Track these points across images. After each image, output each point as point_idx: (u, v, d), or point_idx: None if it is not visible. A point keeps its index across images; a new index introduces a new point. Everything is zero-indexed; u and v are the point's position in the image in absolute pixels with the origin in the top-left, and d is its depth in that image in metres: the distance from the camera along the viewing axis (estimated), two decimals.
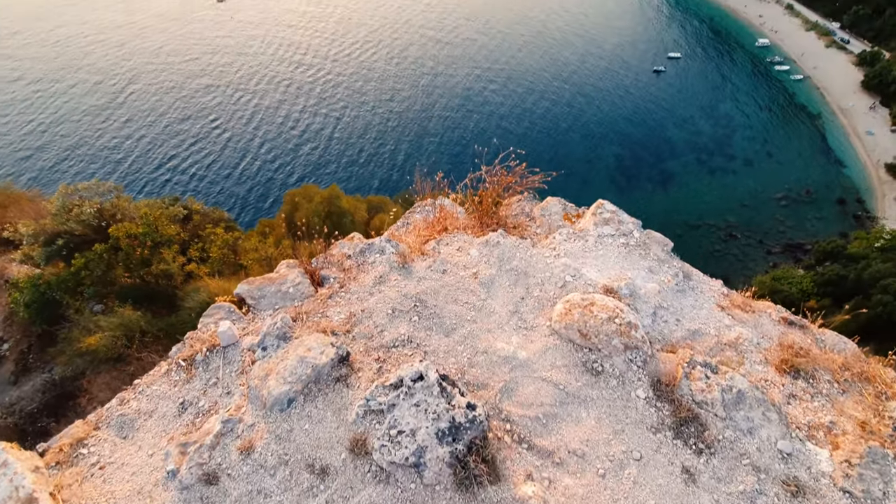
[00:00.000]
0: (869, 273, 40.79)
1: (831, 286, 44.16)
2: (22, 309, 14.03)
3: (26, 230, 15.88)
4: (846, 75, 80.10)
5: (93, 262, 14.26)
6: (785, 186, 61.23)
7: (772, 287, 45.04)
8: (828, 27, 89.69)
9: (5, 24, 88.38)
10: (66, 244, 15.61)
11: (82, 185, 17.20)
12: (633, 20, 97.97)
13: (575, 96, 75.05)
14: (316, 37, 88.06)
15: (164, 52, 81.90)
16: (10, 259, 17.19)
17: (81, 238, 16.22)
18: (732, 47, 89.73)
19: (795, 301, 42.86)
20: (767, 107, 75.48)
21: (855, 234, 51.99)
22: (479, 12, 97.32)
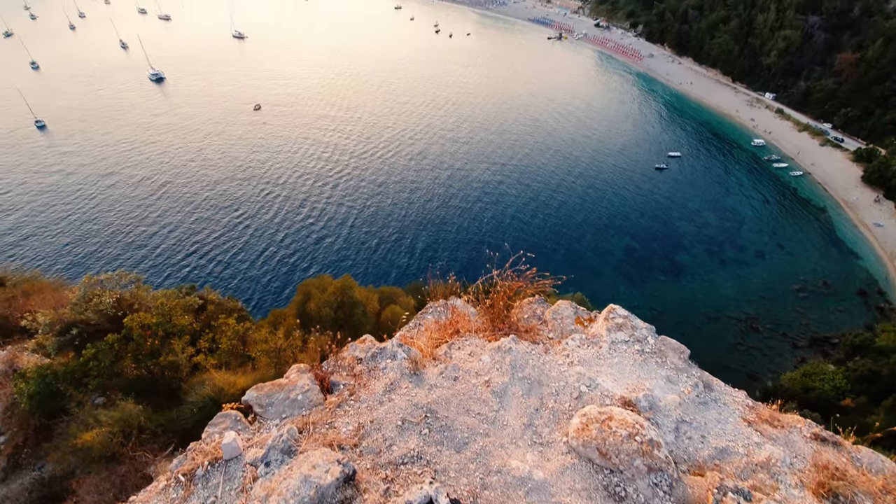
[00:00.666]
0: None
1: (865, 382, 41.62)
2: (24, 400, 13.76)
3: (44, 319, 16.13)
4: (845, 170, 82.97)
5: (102, 353, 14.25)
6: (801, 278, 60.61)
7: (803, 384, 42.59)
8: (819, 128, 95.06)
9: (68, 125, 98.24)
10: (79, 334, 15.74)
11: (105, 275, 17.77)
12: (635, 123, 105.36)
13: (584, 191, 78.33)
14: (342, 138, 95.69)
15: (202, 152, 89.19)
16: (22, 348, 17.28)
17: (96, 328, 16.39)
18: (730, 147, 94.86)
19: (830, 399, 40.16)
20: (771, 201, 77.57)
21: (882, 326, 50.17)
22: (493, 117, 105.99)
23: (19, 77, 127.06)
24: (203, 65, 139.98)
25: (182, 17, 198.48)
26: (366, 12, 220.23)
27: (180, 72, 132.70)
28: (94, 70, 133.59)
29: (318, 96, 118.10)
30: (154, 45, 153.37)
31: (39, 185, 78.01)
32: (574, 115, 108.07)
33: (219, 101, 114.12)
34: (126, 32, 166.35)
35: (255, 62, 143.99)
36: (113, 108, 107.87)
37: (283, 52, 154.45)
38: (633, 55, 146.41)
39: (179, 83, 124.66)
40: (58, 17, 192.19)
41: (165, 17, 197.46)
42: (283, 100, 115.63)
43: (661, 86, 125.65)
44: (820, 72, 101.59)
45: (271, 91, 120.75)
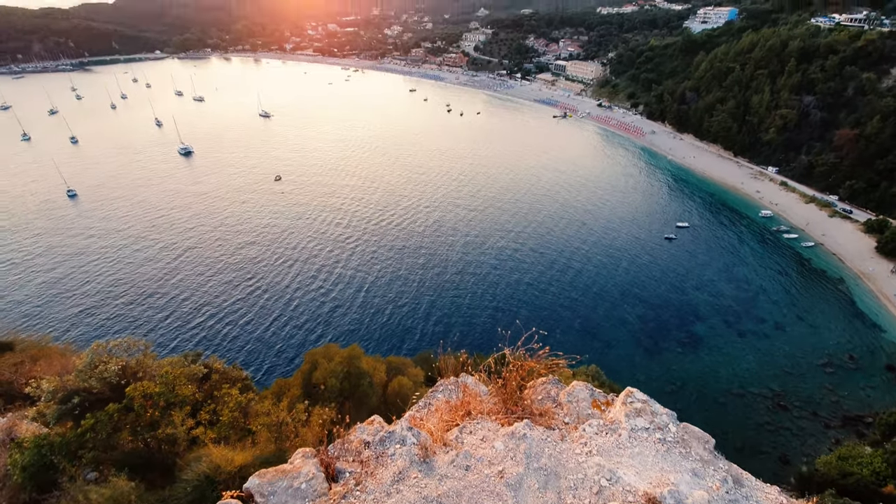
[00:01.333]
0: None
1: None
2: (17, 472, 13.18)
3: (48, 386, 15.89)
4: (858, 241, 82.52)
5: (101, 424, 13.82)
6: (825, 352, 58.17)
7: (840, 468, 39.24)
8: (826, 200, 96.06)
9: (98, 194, 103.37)
10: (81, 402, 15.40)
11: (114, 342, 17.71)
12: (642, 194, 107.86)
13: (596, 260, 78.56)
14: (359, 207, 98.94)
15: (223, 220, 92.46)
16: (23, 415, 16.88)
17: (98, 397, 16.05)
18: (738, 217, 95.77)
19: (870, 485, 36.71)
20: (785, 271, 76.67)
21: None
22: (506, 188, 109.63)
23: (58, 150, 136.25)
24: (229, 140, 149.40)
25: (214, 98, 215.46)
26: (383, 94, 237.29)
27: (208, 146, 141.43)
28: (128, 144, 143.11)
29: (336, 168, 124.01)
30: (186, 122, 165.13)
31: (64, 250, 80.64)
32: (583, 186, 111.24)
33: (242, 172, 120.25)
34: (162, 112, 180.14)
35: (278, 137, 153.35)
36: (141, 179, 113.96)
37: (305, 129, 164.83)
38: (635, 132, 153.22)
39: (206, 156, 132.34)
40: (101, 98, 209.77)
41: (199, 98, 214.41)
42: (303, 171, 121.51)
43: (664, 160, 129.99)
44: (820, 147, 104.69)
45: (292, 163, 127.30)
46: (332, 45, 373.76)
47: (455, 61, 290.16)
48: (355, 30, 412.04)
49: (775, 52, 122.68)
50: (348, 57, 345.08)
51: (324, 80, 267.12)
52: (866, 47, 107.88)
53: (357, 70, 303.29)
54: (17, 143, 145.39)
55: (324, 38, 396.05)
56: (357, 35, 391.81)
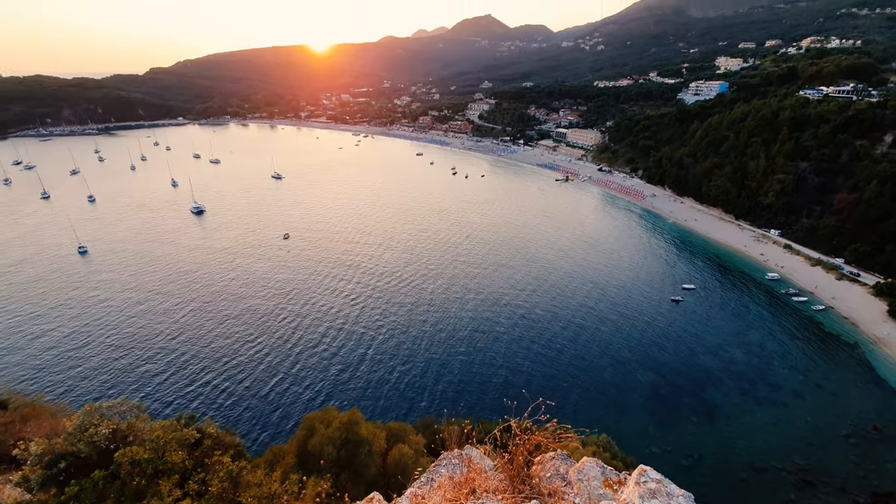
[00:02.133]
0: None
1: None
2: None
3: (36, 449, 15.23)
4: (869, 305, 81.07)
5: (85, 492, 13.06)
6: (848, 422, 55.24)
7: None
8: (832, 262, 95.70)
9: (108, 251, 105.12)
10: (67, 468, 14.67)
11: (106, 403, 17.18)
12: (646, 255, 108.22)
13: (601, 322, 77.33)
14: (366, 266, 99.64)
15: (228, 278, 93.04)
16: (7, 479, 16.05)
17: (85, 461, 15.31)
18: (744, 280, 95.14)
19: None
20: (798, 335, 74.81)
21: None
22: (513, 248, 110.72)
23: (75, 208, 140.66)
24: (241, 200, 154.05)
25: (230, 161, 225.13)
26: (391, 157, 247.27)
27: (220, 205, 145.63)
28: (143, 203, 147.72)
29: (344, 226, 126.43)
30: (201, 183, 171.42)
31: (69, 307, 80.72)
32: (589, 247, 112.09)
33: (251, 230, 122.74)
34: (178, 173, 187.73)
35: (288, 197, 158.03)
36: (152, 237, 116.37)
37: (315, 189, 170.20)
38: (636, 195, 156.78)
39: (217, 215, 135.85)
40: (122, 160, 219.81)
41: (215, 160, 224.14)
42: (311, 229, 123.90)
43: (666, 222, 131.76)
44: (820, 210, 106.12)
45: (301, 221, 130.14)
46: (345, 113, 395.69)
47: (460, 128, 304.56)
48: (367, 100, 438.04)
49: (767, 122, 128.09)
50: (359, 124, 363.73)
51: (335, 145, 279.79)
52: (857, 116, 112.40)
53: (367, 136, 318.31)
54: (37, 200, 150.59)
55: (337, 107, 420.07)
56: (368, 104, 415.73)
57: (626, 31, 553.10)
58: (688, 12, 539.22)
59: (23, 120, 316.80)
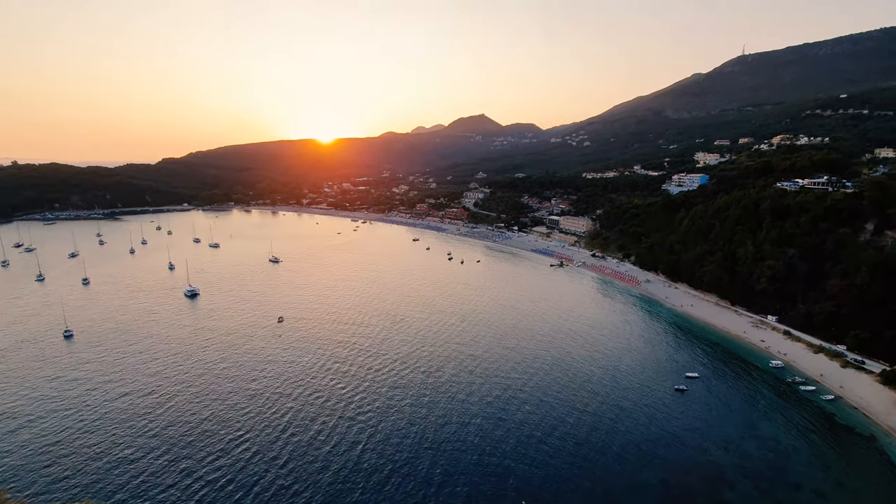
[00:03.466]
0: None
1: None
2: None
3: None
4: (878, 394, 78.10)
5: None
6: None
7: None
8: (835, 349, 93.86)
9: (95, 335, 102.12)
10: None
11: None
12: (646, 342, 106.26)
13: (603, 414, 73.63)
14: (360, 352, 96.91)
15: (216, 364, 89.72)
16: None
17: None
18: (748, 368, 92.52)
19: None
20: (812, 428, 70.95)
21: None
22: (509, 334, 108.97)
23: (68, 291, 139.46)
24: (237, 283, 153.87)
25: (229, 245, 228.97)
26: (388, 242, 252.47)
27: (215, 288, 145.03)
28: (138, 287, 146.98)
29: (339, 310, 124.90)
30: (198, 266, 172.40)
31: (46, 396, 76.46)
32: (587, 333, 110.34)
33: (244, 313, 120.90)
34: (176, 256, 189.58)
35: (285, 281, 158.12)
36: (141, 321, 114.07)
37: (312, 273, 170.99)
38: (630, 280, 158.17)
39: (212, 298, 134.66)
40: (123, 244, 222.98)
41: (215, 244, 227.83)
42: (306, 313, 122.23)
43: (663, 308, 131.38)
44: (814, 296, 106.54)
45: (297, 305, 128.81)
46: (345, 200, 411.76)
47: (456, 215, 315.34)
48: (367, 188, 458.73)
49: (750, 211, 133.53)
50: (358, 210, 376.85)
51: (334, 230, 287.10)
52: (835, 206, 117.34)
53: (365, 222, 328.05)
54: (32, 283, 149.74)
55: (337, 195, 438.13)
56: (368, 192, 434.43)
57: (609, 129, 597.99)
58: (664, 114, 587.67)
59: (32, 204, 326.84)
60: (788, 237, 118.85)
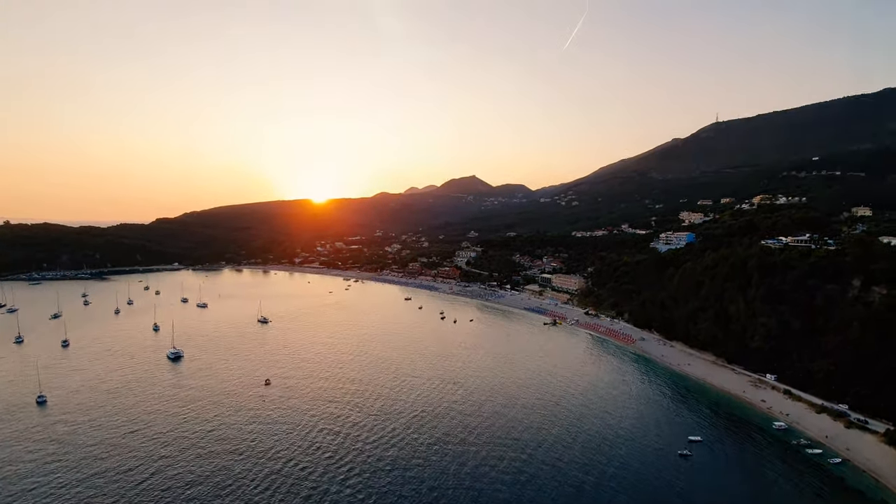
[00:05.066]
0: None
1: None
2: None
3: None
4: (885, 455, 75.54)
5: None
6: None
7: None
8: (837, 409, 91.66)
9: (70, 401, 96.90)
10: None
11: None
12: (645, 403, 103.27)
13: (606, 482, 69.75)
14: (349, 414, 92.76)
15: (198, 429, 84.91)
16: None
17: None
18: (751, 430, 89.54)
19: None
20: (823, 495, 67.49)
21: None
22: (504, 395, 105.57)
23: (46, 354, 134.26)
24: (223, 345, 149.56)
25: (218, 305, 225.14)
26: (380, 302, 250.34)
27: (200, 351, 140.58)
28: (119, 349, 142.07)
29: (329, 372, 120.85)
30: (184, 327, 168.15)
31: (6, 474, 71.04)
32: (583, 394, 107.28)
33: (230, 376, 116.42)
34: (162, 317, 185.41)
35: (273, 342, 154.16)
36: (120, 385, 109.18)
37: (302, 333, 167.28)
38: (625, 338, 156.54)
39: (196, 361, 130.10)
40: (108, 304, 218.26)
41: (203, 304, 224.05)
42: (295, 375, 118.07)
43: (659, 367, 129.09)
44: (811, 353, 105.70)
45: (285, 367, 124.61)
46: (337, 259, 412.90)
47: (449, 274, 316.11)
48: (359, 247, 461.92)
49: (738, 268, 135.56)
50: (350, 269, 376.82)
51: (325, 289, 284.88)
52: (819, 263, 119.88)
53: (357, 280, 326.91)
54: (10, 345, 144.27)
55: (330, 254, 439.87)
56: (360, 251, 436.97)
57: (595, 189, 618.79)
58: (649, 175, 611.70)
59: (21, 265, 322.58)
60: (778, 294, 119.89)
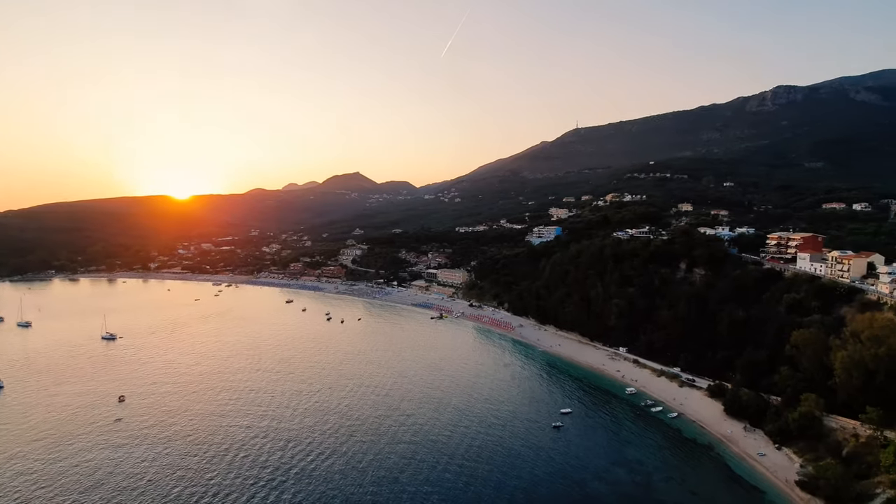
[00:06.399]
0: None
1: None
2: None
3: None
4: (709, 407, 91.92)
5: None
6: None
7: None
8: (672, 371, 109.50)
9: None
10: None
11: None
12: (525, 384, 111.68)
13: (489, 461, 73.67)
14: (221, 432, 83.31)
15: (23, 477, 69.09)
16: None
17: None
18: (609, 397, 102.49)
19: None
20: (664, 445, 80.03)
21: None
22: (390, 387, 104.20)
23: None
24: (57, 369, 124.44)
25: (46, 324, 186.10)
26: (258, 306, 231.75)
27: (23, 379, 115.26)
28: None
29: (198, 386, 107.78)
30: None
31: None
32: (468, 381, 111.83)
33: (68, 403, 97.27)
34: None
35: (122, 358, 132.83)
36: None
37: (160, 348, 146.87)
38: (506, 326, 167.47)
39: (17, 391, 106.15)
40: None
41: (25, 324, 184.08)
42: (156, 390, 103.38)
43: (536, 350, 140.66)
44: (652, 327, 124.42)
45: (143, 382, 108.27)
46: (204, 262, 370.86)
47: (334, 273, 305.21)
48: (231, 248, 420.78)
49: (596, 257, 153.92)
50: (221, 273, 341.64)
51: (190, 297, 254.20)
52: (657, 251, 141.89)
53: (230, 285, 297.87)
54: None
55: (195, 256, 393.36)
56: (233, 252, 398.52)
57: (476, 187, 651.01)
58: (522, 174, 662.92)
59: None
60: (628, 278, 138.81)
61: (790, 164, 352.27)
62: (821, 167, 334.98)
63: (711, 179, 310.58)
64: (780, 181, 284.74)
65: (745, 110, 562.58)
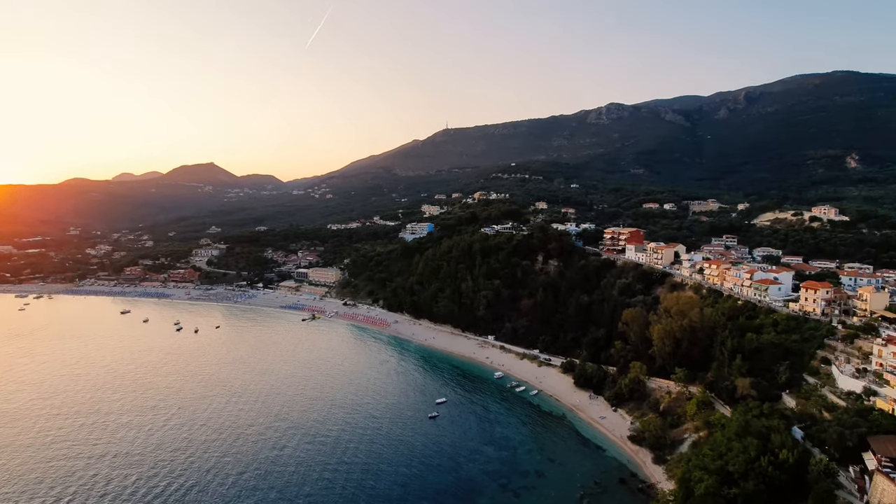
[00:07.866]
0: None
1: None
2: None
3: None
4: (562, 381, 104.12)
5: None
6: (578, 485, 65.63)
7: None
8: (532, 353, 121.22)
9: None
10: None
11: None
12: (401, 379, 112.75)
13: (371, 455, 72.83)
14: (67, 456, 67.15)
15: None
16: None
17: None
18: (480, 383, 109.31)
19: None
20: (526, 421, 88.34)
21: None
22: (258, 399, 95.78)
23: None
24: None
25: None
26: (81, 320, 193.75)
27: None
28: None
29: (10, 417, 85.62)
30: None
31: None
32: (344, 381, 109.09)
33: None
34: None
35: None
36: None
37: None
38: (381, 323, 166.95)
39: None
40: None
41: None
42: None
43: (411, 344, 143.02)
44: (515, 315, 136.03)
45: None
46: (3, 270, 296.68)
47: (185, 276, 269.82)
48: (43, 250, 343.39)
49: (466, 252, 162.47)
50: (29, 282, 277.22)
51: None
52: (518, 245, 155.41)
53: (41, 296, 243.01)
54: None
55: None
56: (45, 256, 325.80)
57: (348, 183, 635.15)
58: (394, 171, 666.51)
59: None
60: (494, 271, 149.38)
61: (620, 169, 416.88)
62: (641, 173, 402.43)
63: (562, 181, 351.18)
64: (612, 184, 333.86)
65: (586, 122, 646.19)
